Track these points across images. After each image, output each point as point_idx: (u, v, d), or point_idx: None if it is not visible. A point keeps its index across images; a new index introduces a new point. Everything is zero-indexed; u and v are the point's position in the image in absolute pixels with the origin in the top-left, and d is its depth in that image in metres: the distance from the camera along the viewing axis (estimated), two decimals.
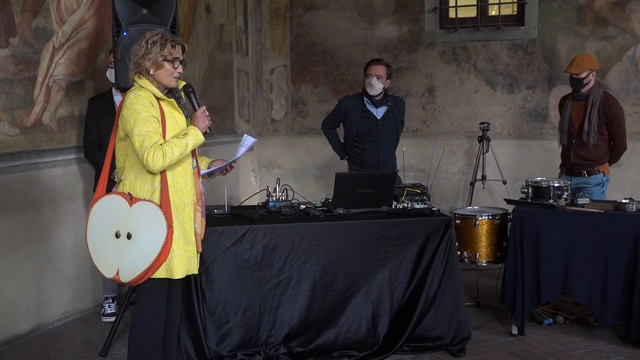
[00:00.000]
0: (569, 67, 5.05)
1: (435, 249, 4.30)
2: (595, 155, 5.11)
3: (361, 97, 5.44)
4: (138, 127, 3.17)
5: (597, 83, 5.09)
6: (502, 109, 6.82)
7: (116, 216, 3.21)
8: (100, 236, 3.24)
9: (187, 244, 3.33)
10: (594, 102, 5.01)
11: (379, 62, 5.41)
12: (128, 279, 3.19)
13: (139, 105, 3.19)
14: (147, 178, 3.25)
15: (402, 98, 5.82)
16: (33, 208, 4.69)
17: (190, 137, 3.26)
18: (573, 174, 5.17)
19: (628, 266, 4.32)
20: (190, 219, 3.37)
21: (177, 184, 3.30)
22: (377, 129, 5.38)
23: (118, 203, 3.22)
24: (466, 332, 4.33)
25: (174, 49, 3.28)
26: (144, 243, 3.15)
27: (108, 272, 3.23)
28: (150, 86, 3.28)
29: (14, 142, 4.55)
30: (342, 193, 4.49)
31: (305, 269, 4.22)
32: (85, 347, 4.50)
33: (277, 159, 7.75)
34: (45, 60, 4.76)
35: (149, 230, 3.15)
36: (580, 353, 4.32)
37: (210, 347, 4.04)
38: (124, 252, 3.17)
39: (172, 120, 3.31)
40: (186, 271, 3.34)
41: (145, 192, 3.24)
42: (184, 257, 3.31)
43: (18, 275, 4.58)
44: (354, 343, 4.21)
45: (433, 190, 6.14)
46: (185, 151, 3.25)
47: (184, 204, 3.33)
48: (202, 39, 6.64)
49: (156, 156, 3.15)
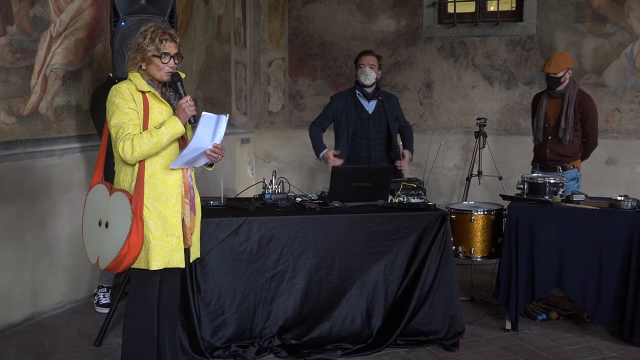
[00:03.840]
0: (547, 67, 5.11)
1: (430, 243, 4.31)
2: (570, 151, 5.18)
3: (353, 91, 5.39)
4: (114, 118, 3.24)
5: (572, 81, 5.17)
6: (499, 104, 6.82)
7: (99, 205, 3.31)
8: (88, 223, 3.36)
9: (167, 235, 3.30)
10: (569, 99, 5.09)
11: (369, 52, 5.38)
12: (104, 265, 3.27)
13: (117, 98, 3.25)
14: (128, 169, 3.29)
15: (395, 95, 5.76)
16: (29, 197, 4.69)
17: (167, 127, 3.24)
18: (547, 169, 5.22)
19: (622, 263, 4.34)
20: (176, 212, 3.34)
21: (159, 174, 3.29)
22: (368, 124, 5.31)
23: (102, 192, 3.32)
24: (460, 326, 4.34)
25: (161, 44, 3.27)
26: (116, 232, 3.20)
27: (92, 258, 3.34)
28: (138, 80, 3.30)
29: (10, 131, 4.54)
30: (338, 186, 4.50)
31: (301, 262, 4.23)
32: (79, 337, 4.50)
33: (274, 151, 7.75)
34: (42, 49, 4.75)
35: (120, 220, 3.21)
36: (573, 349, 4.34)
37: (205, 339, 4.05)
38: (102, 239, 3.26)
39: (157, 113, 3.31)
40: (165, 263, 3.30)
41: (125, 183, 3.29)
42: (162, 249, 3.28)
43: (13, 264, 4.58)
44: (348, 336, 4.22)
45: (429, 185, 6.14)
46: (160, 141, 3.22)
47: (167, 196, 3.30)
48: (200, 30, 6.62)
49: (126, 147, 3.19)
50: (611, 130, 6.39)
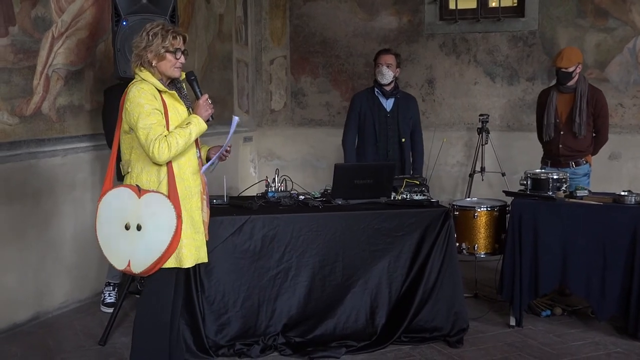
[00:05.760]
0: (559, 61, 5.08)
1: (433, 240, 4.30)
2: (582, 146, 5.17)
3: (372, 89, 5.49)
4: (142, 120, 3.18)
5: (582, 76, 5.17)
6: (502, 100, 6.81)
7: (125, 208, 3.21)
8: (110, 229, 3.24)
9: (195, 232, 3.34)
10: (582, 93, 5.07)
11: (388, 51, 5.50)
12: (139, 269, 3.20)
13: (142, 99, 3.20)
14: (152, 170, 3.27)
15: (414, 97, 5.77)
16: (32, 197, 4.70)
17: (194, 125, 3.27)
18: (560, 165, 5.20)
19: (626, 258, 4.33)
20: (198, 208, 3.38)
21: (184, 174, 3.31)
22: (387, 122, 5.41)
23: (126, 195, 3.22)
24: (464, 323, 4.34)
25: (175, 39, 3.28)
26: (154, 234, 3.16)
27: (119, 264, 3.23)
28: (152, 78, 3.28)
29: (13, 132, 4.54)
30: (341, 184, 4.50)
31: (304, 260, 4.23)
32: (84, 336, 4.51)
33: (276, 149, 7.74)
34: (44, 50, 4.75)
35: (159, 221, 3.16)
36: (577, 345, 4.33)
37: (209, 337, 4.06)
38: (134, 243, 3.18)
39: (174, 112, 3.32)
40: (195, 260, 3.35)
41: (151, 184, 3.25)
42: (193, 246, 3.32)
43: (18, 264, 4.58)
44: (352, 333, 4.22)
45: (432, 182, 6.15)
46: (189, 140, 3.26)
47: (191, 194, 3.34)
48: (201, 29, 6.62)
49: (162, 148, 3.16)
50: (614, 125, 6.35)
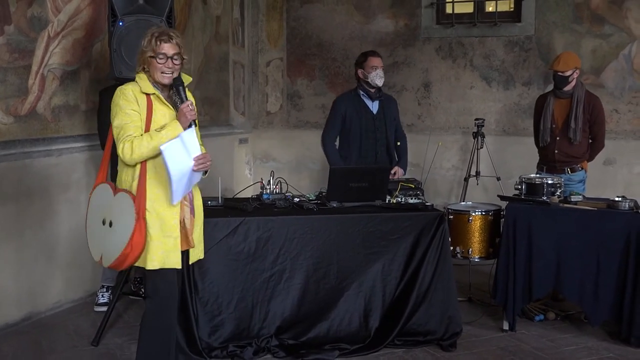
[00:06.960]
0: (556, 65, 5.09)
1: (428, 243, 4.31)
2: (578, 152, 5.17)
3: (356, 92, 5.40)
4: (117, 119, 3.29)
5: (579, 82, 5.17)
6: (497, 105, 6.83)
7: (103, 204, 3.35)
8: (92, 222, 3.40)
9: (164, 236, 3.32)
10: (578, 99, 5.07)
11: (377, 53, 5.43)
12: (107, 263, 3.32)
13: (121, 99, 3.30)
14: (129, 169, 3.33)
15: (393, 97, 5.75)
16: (27, 197, 4.68)
17: (168, 130, 3.27)
18: (555, 171, 5.19)
19: (619, 264, 4.34)
20: (175, 213, 3.34)
21: (160, 177, 3.31)
22: (374, 123, 5.36)
23: (106, 191, 3.36)
24: (457, 327, 4.34)
25: (157, 45, 3.31)
26: (119, 231, 3.25)
27: (95, 256, 3.40)
28: (144, 81, 3.34)
29: (7, 131, 4.53)
30: (336, 186, 4.50)
31: (298, 262, 4.23)
32: (77, 337, 4.50)
33: (272, 151, 7.74)
34: (40, 49, 4.74)
35: (123, 219, 3.24)
36: (570, 349, 4.34)
37: (202, 339, 4.05)
38: (105, 238, 3.30)
39: (160, 115, 3.34)
40: (161, 264, 3.31)
41: (127, 183, 3.33)
42: (160, 249, 3.30)
43: (11, 263, 4.57)
44: (346, 336, 4.22)
45: (427, 185, 6.15)
46: (160, 144, 3.23)
47: (166, 197, 3.32)
48: (198, 30, 6.62)
49: (125, 148, 3.24)
50: (609, 131, 6.35)
